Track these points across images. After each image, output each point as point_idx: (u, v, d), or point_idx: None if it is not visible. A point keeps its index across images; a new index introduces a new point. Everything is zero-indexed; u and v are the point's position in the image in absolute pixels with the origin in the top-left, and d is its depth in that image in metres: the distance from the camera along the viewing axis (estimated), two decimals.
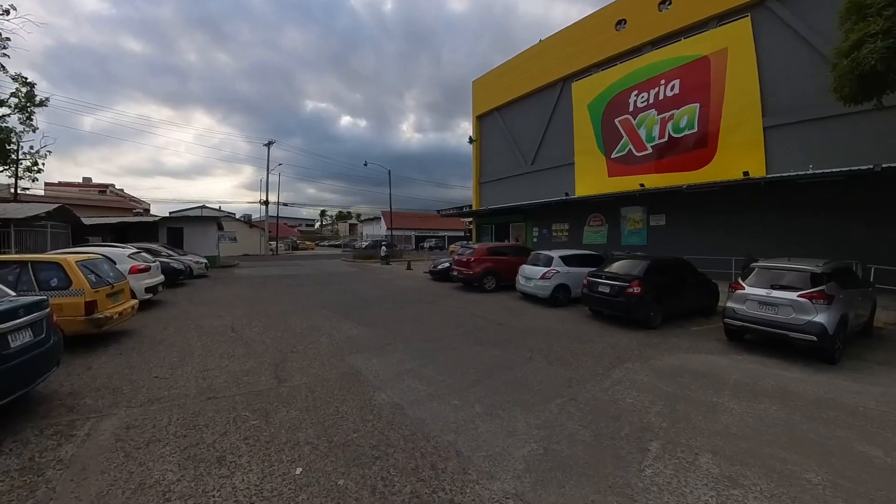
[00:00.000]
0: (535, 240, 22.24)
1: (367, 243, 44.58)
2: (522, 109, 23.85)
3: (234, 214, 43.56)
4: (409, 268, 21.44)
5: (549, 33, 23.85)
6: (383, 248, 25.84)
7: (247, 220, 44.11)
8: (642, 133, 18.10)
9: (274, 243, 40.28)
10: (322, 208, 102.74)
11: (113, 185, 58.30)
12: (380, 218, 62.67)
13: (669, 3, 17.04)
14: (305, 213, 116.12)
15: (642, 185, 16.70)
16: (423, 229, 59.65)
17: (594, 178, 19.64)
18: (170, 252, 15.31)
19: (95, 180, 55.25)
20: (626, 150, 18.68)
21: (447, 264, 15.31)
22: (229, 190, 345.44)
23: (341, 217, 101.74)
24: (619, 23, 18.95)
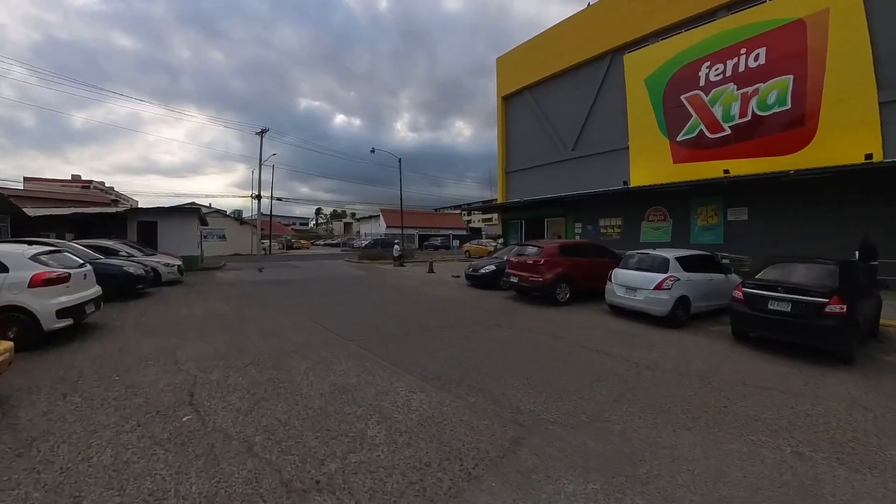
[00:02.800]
0: (577, 237, 18.98)
1: (366, 242, 40.98)
2: (560, 87, 20.52)
3: (226, 211, 39.91)
4: (431, 270, 17.87)
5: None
6: (396, 247, 22.28)
7: (237, 217, 40.54)
8: (717, 111, 14.96)
9: (267, 242, 36.65)
10: (317, 206, 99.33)
11: (102, 182, 55.13)
12: (378, 216, 59.89)
13: None
14: (299, 211, 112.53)
15: (727, 171, 13.55)
16: (425, 227, 57.45)
17: (655, 164, 16.44)
18: (131, 251, 11.75)
19: (85, 178, 52.03)
20: (695, 132, 15.53)
21: (493, 267, 11.94)
22: (223, 188, 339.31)
23: (336, 216, 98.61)
24: None
